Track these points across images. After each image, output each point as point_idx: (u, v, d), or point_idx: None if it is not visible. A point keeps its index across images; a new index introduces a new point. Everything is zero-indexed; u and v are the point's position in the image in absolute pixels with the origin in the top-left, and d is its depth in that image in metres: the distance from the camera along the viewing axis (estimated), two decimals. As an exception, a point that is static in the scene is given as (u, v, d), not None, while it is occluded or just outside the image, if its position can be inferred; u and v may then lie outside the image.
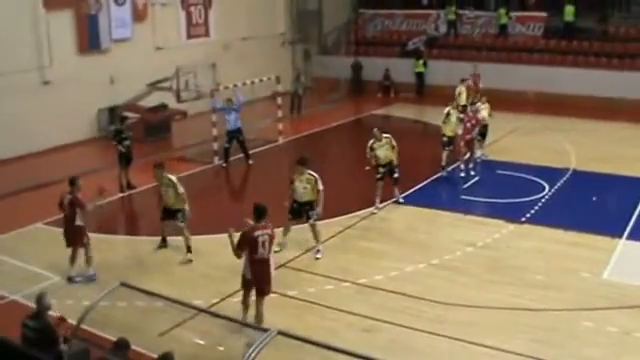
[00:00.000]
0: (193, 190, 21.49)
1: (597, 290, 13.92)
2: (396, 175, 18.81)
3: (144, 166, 20.68)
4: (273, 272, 12.07)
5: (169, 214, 15.83)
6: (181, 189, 15.54)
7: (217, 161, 23.49)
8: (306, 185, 15.51)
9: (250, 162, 23.46)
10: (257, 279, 11.91)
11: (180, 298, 10.91)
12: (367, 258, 15.48)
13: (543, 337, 12.11)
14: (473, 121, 21.75)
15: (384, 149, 18.41)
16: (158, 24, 29.51)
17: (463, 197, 19.99)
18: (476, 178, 21.44)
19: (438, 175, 21.68)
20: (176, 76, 24.89)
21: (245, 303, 12.24)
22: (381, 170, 18.59)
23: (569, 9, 34.40)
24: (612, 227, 17.10)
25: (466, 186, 20.88)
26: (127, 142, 20.48)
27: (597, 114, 29.11)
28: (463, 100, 25.74)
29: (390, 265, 15.04)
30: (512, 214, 18.17)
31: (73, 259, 14.53)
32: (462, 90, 26.45)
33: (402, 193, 19.41)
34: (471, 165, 21.96)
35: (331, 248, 16.21)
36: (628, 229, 17.11)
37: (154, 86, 26.47)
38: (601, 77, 31.23)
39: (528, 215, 18.17)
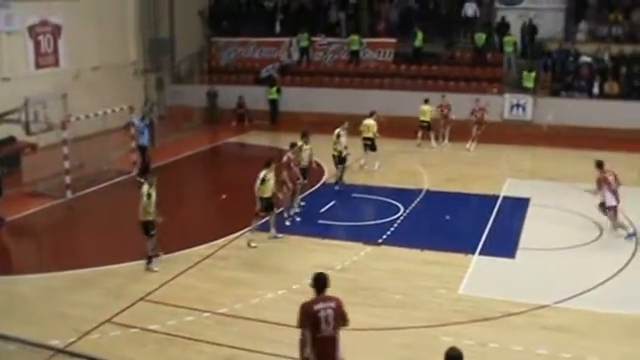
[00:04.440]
0: (46, 225, 20.92)
1: (453, 305, 14.44)
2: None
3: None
4: (342, 353, 9.95)
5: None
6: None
7: (69, 195, 22.71)
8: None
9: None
10: None
11: (36, 339, 10.51)
12: (227, 287, 15.39)
13: (405, 355, 12.36)
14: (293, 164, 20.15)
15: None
16: (5, 53, 28.28)
17: (320, 222, 20.17)
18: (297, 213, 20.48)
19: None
20: (25, 107, 23.98)
21: None
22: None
23: (419, 35, 35.66)
24: (465, 244, 17.79)
25: (322, 210, 21.04)
26: None
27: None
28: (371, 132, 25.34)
29: (250, 293, 14.99)
30: (369, 236, 18.55)
31: None
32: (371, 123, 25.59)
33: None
34: (292, 212, 20.24)
35: (190, 278, 16.05)
36: (480, 245, 17.85)
37: (1, 118, 25.38)
38: (449, 100, 32.20)
39: (385, 237, 18.59)
